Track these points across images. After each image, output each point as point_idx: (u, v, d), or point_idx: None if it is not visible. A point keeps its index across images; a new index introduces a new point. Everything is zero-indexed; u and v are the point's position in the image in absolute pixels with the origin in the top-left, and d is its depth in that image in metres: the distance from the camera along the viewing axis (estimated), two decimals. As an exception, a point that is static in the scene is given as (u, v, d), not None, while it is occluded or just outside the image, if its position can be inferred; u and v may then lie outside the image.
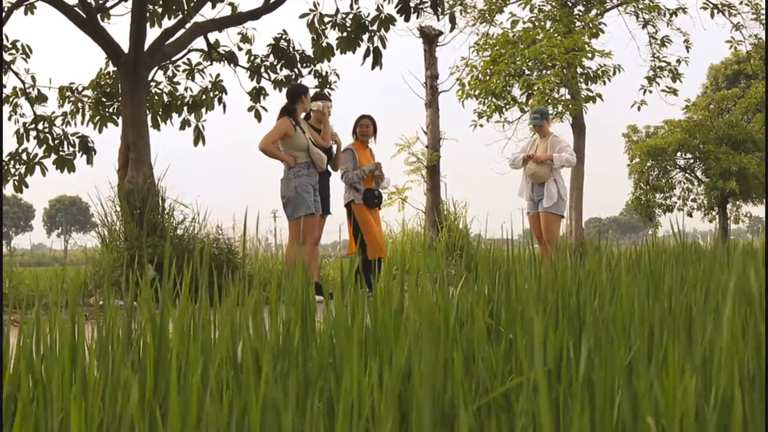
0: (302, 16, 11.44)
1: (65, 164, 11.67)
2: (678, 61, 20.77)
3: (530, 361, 1.56)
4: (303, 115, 8.87)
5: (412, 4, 10.68)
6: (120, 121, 10.73)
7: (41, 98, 11.79)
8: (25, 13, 11.24)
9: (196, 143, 11.93)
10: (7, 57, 11.30)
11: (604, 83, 19.26)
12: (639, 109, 20.51)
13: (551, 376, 1.58)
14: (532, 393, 1.46)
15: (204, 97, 12.01)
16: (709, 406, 1.39)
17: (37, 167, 11.55)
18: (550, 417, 1.09)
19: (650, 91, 20.54)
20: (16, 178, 11.47)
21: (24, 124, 11.70)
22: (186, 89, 12.18)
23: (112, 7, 10.86)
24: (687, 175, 33.56)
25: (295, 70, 11.92)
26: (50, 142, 11.66)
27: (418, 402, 1.28)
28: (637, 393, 1.33)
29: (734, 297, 1.57)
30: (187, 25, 10.29)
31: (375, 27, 11.28)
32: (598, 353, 1.51)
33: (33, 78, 11.70)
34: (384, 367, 1.59)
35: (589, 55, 18.59)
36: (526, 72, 18.67)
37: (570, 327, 1.91)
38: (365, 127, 9.56)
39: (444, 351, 1.64)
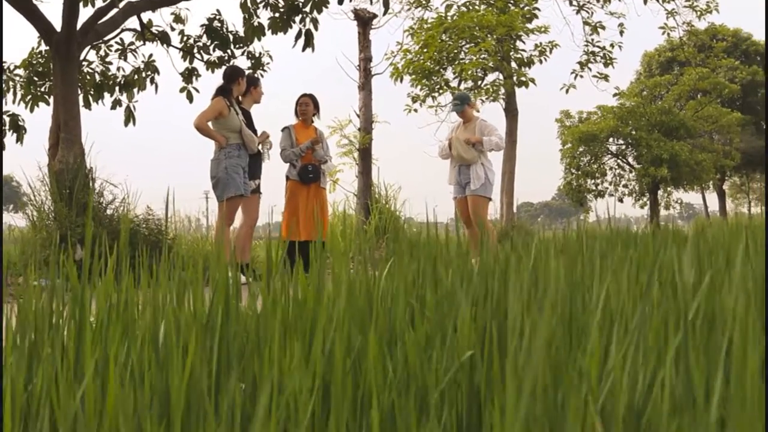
0: (235, -6, 11.65)
1: (-5, 143, 11.70)
2: (612, 45, 21.43)
3: (451, 346, 1.59)
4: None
5: (346, -13, 10.93)
6: (51, 100, 10.85)
7: (-29, 77, 11.83)
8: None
9: (126, 123, 12.12)
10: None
11: (540, 63, 19.97)
12: (567, 91, 21.06)
13: (472, 360, 1.57)
14: (453, 377, 1.51)
15: (136, 77, 12.22)
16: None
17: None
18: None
19: (581, 76, 21.17)
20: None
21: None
22: (118, 69, 12.38)
23: (45, -16, 10.95)
24: (619, 161, 34.42)
25: (228, 51, 12.17)
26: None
27: (336, 384, 1.32)
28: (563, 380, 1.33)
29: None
30: (121, 5, 10.48)
31: (308, 9, 11.48)
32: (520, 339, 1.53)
33: (-37, 57, 11.78)
34: (305, 348, 1.70)
35: (524, 35, 19.17)
36: (461, 56, 19.16)
37: (496, 311, 1.92)
38: (304, 106, 9.84)
39: (366, 333, 1.67)
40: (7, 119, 11.99)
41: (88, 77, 12.08)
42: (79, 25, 10.07)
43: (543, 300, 1.76)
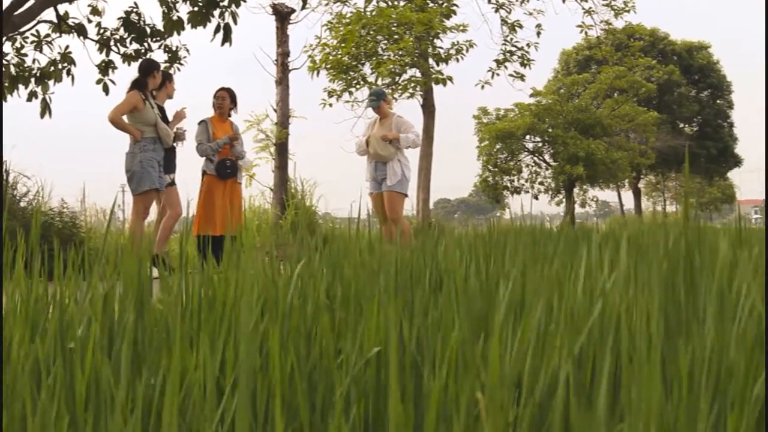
0: (154, -12, 11.77)
1: None
2: (528, 45, 21.80)
3: (359, 341, 1.61)
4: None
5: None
6: (-35, 91, 10.82)
7: None
8: None
9: (42, 115, 12.15)
10: None
11: (457, 61, 20.26)
12: (483, 88, 21.42)
13: (380, 354, 1.57)
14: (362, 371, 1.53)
15: (52, 68, 12.28)
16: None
17: None
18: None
19: (498, 74, 21.53)
20: None
21: None
22: (34, 61, 12.41)
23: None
24: (535, 158, 35.16)
25: (145, 44, 12.29)
26: None
27: (241, 382, 1.31)
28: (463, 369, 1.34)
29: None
30: (37, -4, 10.60)
31: (226, 3, 11.66)
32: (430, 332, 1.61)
33: None
34: (216, 344, 1.70)
35: (441, 32, 19.55)
36: (379, 52, 19.48)
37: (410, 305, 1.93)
38: (221, 100, 9.94)
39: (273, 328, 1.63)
40: None
41: (3, 69, 12.03)
42: (-6, 16, 10.14)
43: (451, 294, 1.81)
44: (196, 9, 11.77)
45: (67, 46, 12.52)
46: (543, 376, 1.42)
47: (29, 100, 12.21)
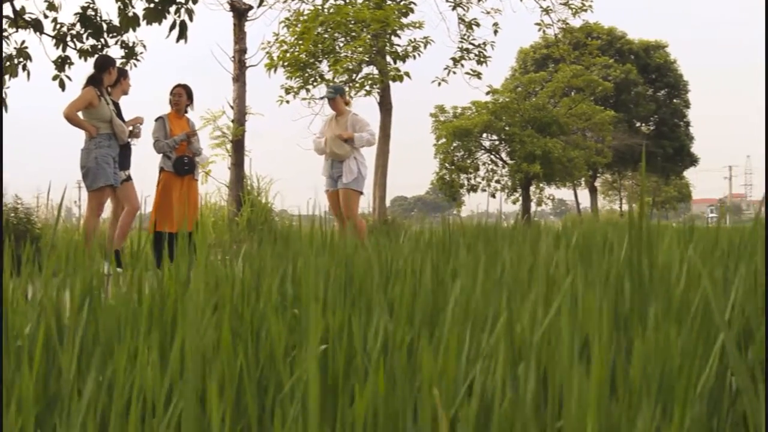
0: (111, -16, 11.79)
1: None
2: (485, 43, 22.09)
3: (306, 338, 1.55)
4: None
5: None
6: None
7: None
8: None
9: (-2, 111, 12.19)
10: None
11: (414, 58, 20.42)
12: (439, 85, 21.53)
13: (327, 353, 1.58)
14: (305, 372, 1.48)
15: (8, 64, 12.26)
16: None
17: None
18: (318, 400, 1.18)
19: (454, 72, 21.76)
20: None
21: None
22: (-11, 56, 12.34)
23: None
24: (492, 156, 35.51)
25: (102, 40, 12.32)
26: None
27: (187, 381, 1.29)
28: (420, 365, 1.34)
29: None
30: (-7, -9, 10.64)
31: None
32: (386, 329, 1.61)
33: None
34: (165, 343, 1.71)
35: (399, 29, 19.74)
36: (336, 49, 19.64)
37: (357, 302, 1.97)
38: (178, 96, 10.02)
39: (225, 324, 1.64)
40: None
41: (-42, 63, 12.02)
42: (-51, 11, 10.18)
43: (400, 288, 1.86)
44: (151, 5, 11.77)
45: (23, 42, 12.51)
46: (486, 378, 1.42)
47: (-16, 95, 12.18)
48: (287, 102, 19.99)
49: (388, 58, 20.26)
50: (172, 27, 11.70)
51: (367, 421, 1.34)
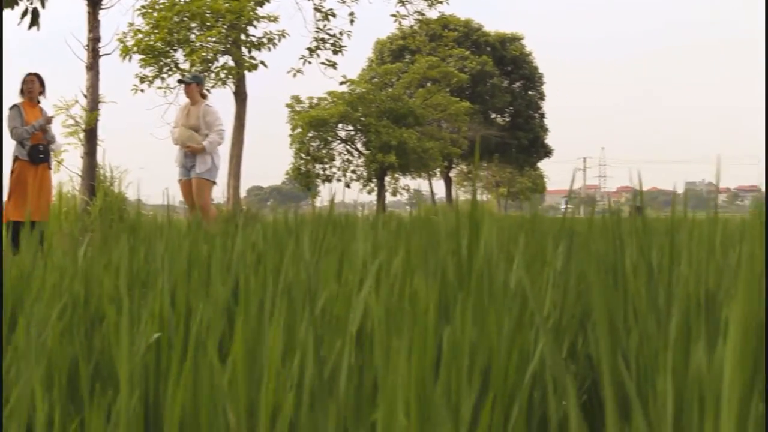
0: (-42, -30, 11.84)
1: None
2: (341, 33, 22.44)
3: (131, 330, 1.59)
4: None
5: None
6: None
7: None
8: None
9: None
10: None
11: (269, 49, 20.73)
12: (294, 75, 21.92)
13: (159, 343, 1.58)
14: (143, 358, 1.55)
15: None
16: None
17: None
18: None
19: (310, 62, 22.16)
20: None
21: None
22: None
23: None
24: (348, 146, 36.05)
25: None
26: None
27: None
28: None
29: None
30: None
31: None
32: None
33: None
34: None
35: (255, 21, 20.11)
36: (191, 38, 19.83)
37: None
38: (30, 84, 10.00)
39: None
40: None
41: None
42: None
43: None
44: (3, -8, 11.85)
45: None
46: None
47: None
48: (142, 91, 20.08)
49: (243, 49, 20.46)
50: (24, 14, 11.75)
51: (185, 411, 1.40)
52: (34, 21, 11.87)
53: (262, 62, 20.45)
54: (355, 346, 1.42)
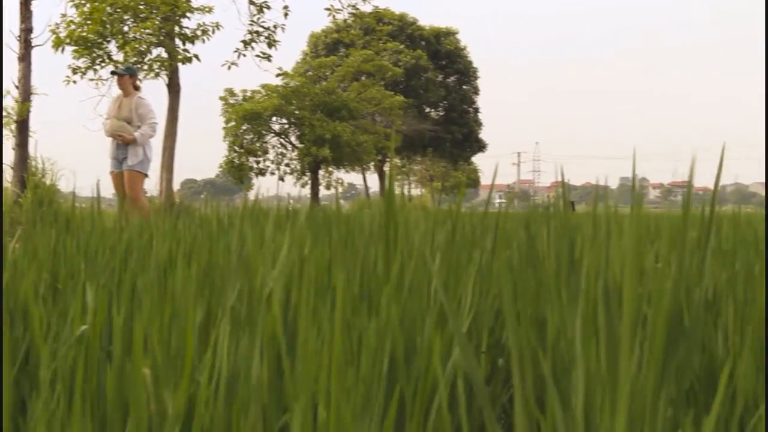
0: None
1: None
2: (275, 26, 22.41)
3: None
4: None
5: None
6: None
7: None
8: None
9: None
10: None
11: (204, 41, 20.73)
12: (229, 68, 21.96)
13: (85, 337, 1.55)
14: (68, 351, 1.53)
15: None
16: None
17: None
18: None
19: (244, 55, 22.14)
20: None
21: None
22: None
23: None
24: (281, 140, 36.16)
25: None
26: None
27: None
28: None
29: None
30: None
31: None
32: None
33: None
34: None
35: (189, 13, 20.18)
36: (125, 29, 19.84)
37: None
38: None
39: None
40: None
41: None
42: None
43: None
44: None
45: None
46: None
47: None
48: (74, 82, 19.94)
49: (177, 41, 20.48)
50: (-47, 5, 11.88)
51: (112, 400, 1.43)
52: (-37, 12, 11.90)
53: (196, 56, 20.43)
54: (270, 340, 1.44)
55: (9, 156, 16.07)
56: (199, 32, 20.60)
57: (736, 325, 1.57)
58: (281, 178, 35.17)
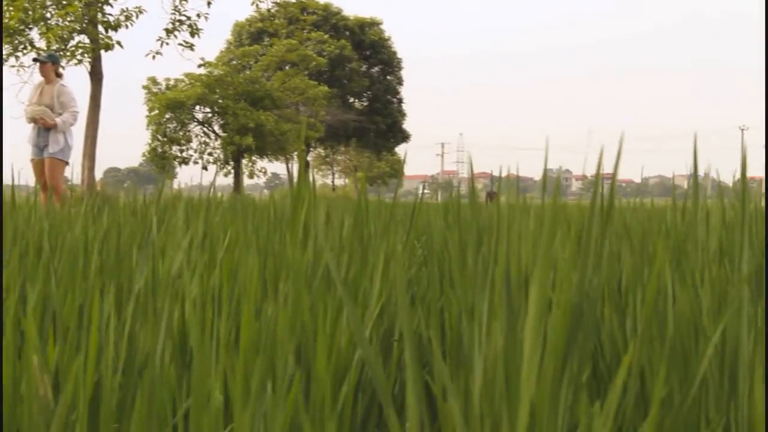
0: None
1: None
2: (198, 15, 22.30)
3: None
4: None
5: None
6: None
7: None
8: None
9: None
10: None
11: (127, 27, 20.68)
12: (153, 58, 21.84)
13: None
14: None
15: None
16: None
17: None
18: None
19: (167, 44, 22.05)
20: None
21: None
22: None
23: None
24: (205, 128, 36.18)
25: None
26: None
27: None
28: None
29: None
30: None
31: None
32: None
33: None
34: None
35: (112, 0, 20.20)
36: (47, 16, 19.75)
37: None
38: None
39: None
40: None
41: None
42: None
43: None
44: None
45: None
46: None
47: None
48: (-6, 69, 19.87)
49: (100, 27, 20.41)
50: None
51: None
52: None
53: (119, 43, 20.39)
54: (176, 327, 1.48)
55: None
56: (122, 18, 20.53)
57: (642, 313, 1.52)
58: (204, 167, 35.20)
